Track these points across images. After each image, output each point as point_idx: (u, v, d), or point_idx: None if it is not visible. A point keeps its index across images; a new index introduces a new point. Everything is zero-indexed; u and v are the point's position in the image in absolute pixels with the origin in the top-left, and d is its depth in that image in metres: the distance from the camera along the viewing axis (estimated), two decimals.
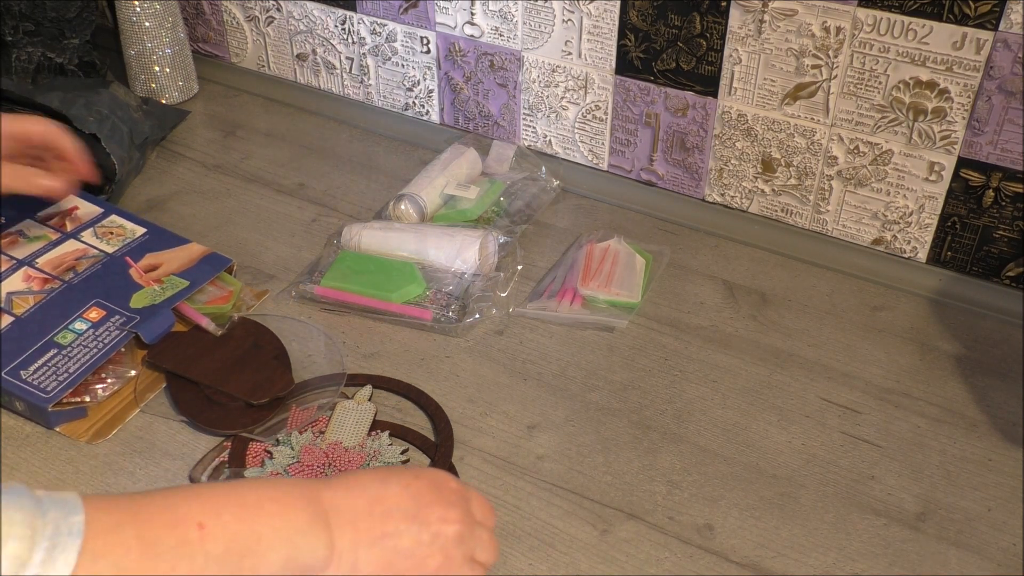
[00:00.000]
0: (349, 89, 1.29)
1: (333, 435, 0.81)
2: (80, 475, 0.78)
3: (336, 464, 0.79)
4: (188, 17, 1.36)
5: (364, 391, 0.86)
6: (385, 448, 0.80)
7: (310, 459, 0.79)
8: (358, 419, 0.83)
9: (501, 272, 0.99)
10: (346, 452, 0.80)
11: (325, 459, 0.79)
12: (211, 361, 0.86)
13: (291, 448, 0.80)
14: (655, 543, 0.74)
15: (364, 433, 0.82)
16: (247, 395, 0.83)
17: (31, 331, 0.86)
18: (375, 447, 0.80)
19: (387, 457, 0.80)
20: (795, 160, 1.02)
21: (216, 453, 0.80)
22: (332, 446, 0.80)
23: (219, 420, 0.82)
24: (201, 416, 0.83)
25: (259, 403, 0.83)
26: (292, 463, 0.78)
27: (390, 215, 1.07)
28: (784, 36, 0.96)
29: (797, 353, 0.92)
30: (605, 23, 1.05)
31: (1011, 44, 0.86)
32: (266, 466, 0.78)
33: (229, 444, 0.80)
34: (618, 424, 0.84)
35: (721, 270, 1.03)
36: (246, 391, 0.83)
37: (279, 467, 0.78)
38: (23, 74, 1.21)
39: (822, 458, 0.81)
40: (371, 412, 0.84)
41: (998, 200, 0.94)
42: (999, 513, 0.77)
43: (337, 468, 0.78)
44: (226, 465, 0.79)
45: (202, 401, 0.84)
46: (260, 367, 0.86)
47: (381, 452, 0.80)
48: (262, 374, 0.85)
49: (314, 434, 0.81)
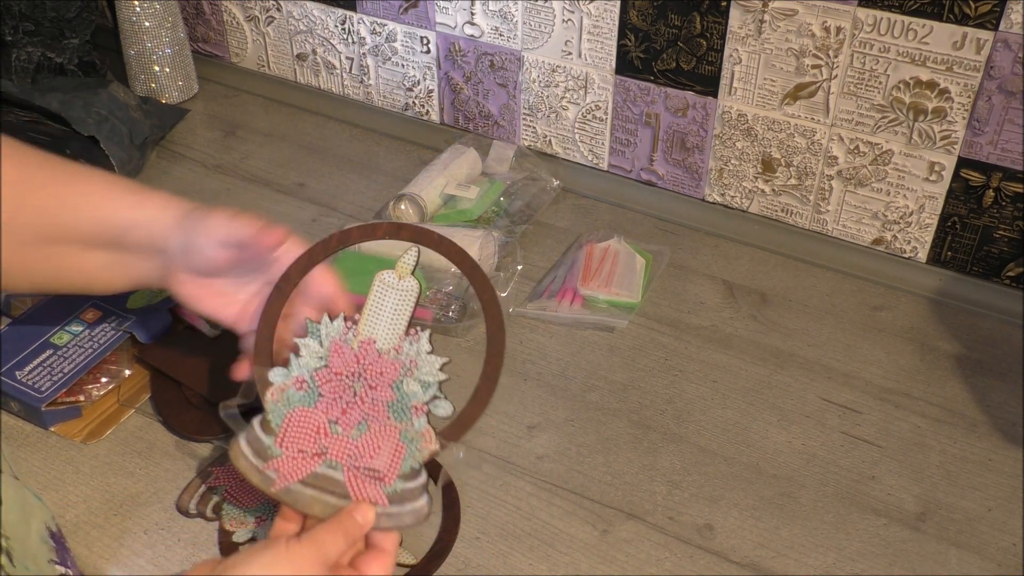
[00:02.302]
0: (349, 89, 1.29)
1: (367, 328, 0.70)
2: (80, 475, 0.78)
3: (367, 376, 0.69)
4: (188, 17, 1.36)
5: (408, 257, 0.71)
6: (424, 359, 0.69)
7: (339, 364, 0.69)
8: (397, 304, 0.71)
9: (501, 272, 0.99)
10: (379, 359, 0.69)
11: (356, 365, 0.69)
12: (198, 363, 0.85)
13: (320, 344, 0.70)
14: (655, 543, 0.74)
15: (403, 328, 0.70)
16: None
17: (28, 332, 0.86)
18: (411, 355, 0.69)
19: (423, 374, 0.69)
20: (795, 160, 1.02)
21: (202, 479, 0.77)
22: (364, 346, 0.70)
23: (193, 425, 0.81)
24: (176, 419, 0.81)
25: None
26: (320, 367, 0.69)
27: (390, 215, 1.07)
28: (784, 36, 0.96)
29: (797, 353, 0.92)
30: (605, 23, 1.05)
31: (1011, 44, 0.86)
32: (291, 367, 0.69)
33: (215, 470, 0.78)
34: (618, 424, 0.84)
35: (721, 270, 1.03)
36: (224, 398, 0.78)
37: (305, 370, 0.69)
38: (23, 74, 1.21)
39: (822, 458, 0.81)
40: (414, 293, 0.71)
41: (998, 200, 0.94)
42: (999, 513, 0.77)
43: (367, 382, 0.69)
44: (213, 491, 0.76)
45: (181, 403, 0.82)
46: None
47: (419, 364, 0.69)
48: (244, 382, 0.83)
49: (347, 323, 0.70)
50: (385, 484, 0.67)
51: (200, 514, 0.75)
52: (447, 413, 0.68)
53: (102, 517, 0.75)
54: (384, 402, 0.68)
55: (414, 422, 0.68)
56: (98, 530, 0.74)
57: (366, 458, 0.67)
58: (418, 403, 0.68)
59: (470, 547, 0.73)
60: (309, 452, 0.67)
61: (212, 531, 0.74)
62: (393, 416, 0.68)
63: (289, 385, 0.69)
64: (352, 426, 0.68)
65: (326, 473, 0.67)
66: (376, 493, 0.66)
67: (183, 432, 0.81)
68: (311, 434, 0.68)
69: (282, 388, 0.68)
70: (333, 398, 0.69)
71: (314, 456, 0.67)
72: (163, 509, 0.76)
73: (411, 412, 0.68)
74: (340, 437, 0.68)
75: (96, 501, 0.76)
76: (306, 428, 0.68)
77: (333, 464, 0.67)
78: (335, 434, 0.68)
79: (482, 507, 0.77)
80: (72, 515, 0.75)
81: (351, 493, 0.66)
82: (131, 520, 0.75)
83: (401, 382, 0.69)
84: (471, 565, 0.72)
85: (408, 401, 0.69)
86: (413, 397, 0.68)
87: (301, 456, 0.67)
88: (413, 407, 0.68)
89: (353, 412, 0.68)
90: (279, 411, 0.68)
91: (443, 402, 0.69)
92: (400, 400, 0.69)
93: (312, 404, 0.68)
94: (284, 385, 0.68)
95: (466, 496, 0.77)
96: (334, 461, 0.67)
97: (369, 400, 0.69)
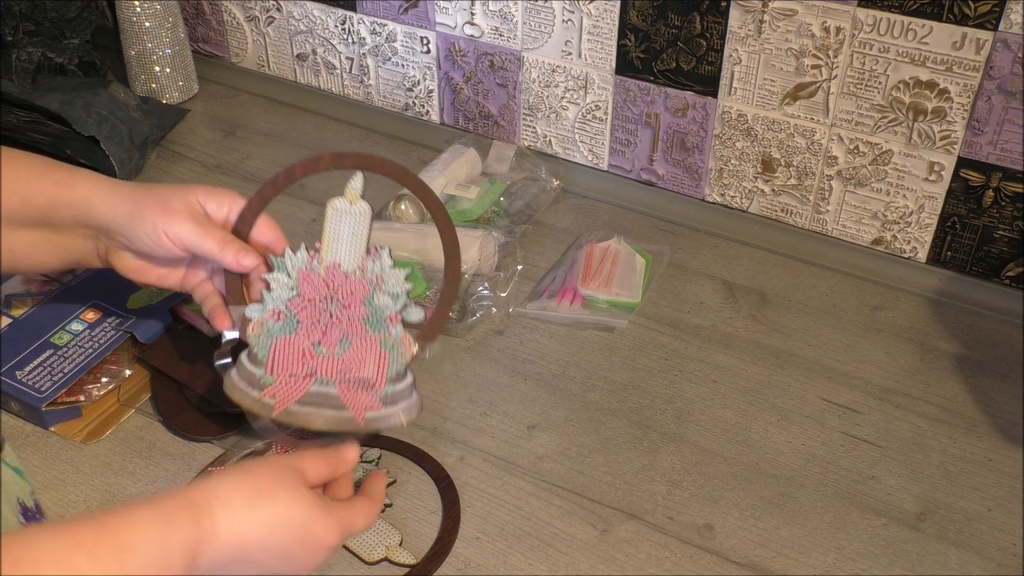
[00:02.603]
0: (349, 89, 1.29)
1: (330, 254, 0.74)
2: (80, 475, 0.78)
3: (339, 296, 0.73)
4: (188, 17, 1.36)
5: (355, 182, 0.75)
6: (389, 273, 0.74)
7: (310, 290, 0.73)
8: (354, 227, 0.75)
9: (501, 272, 0.99)
10: (347, 280, 0.74)
11: (326, 288, 0.73)
12: (198, 363, 0.85)
13: (288, 276, 0.74)
14: (655, 543, 0.74)
15: (363, 248, 0.75)
16: (223, 402, 0.80)
17: (28, 332, 0.86)
18: (376, 271, 0.74)
19: (391, 287, 0.74)
20: (795, 160, 1.02)
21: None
22: (331, 271, 0.74)
23: (192, 425, 0.81)
24: (176, 419, 0.82)
25: (234, 411, 0.80)
26: (292, 297, 0.73)
27: (390, 215, 1.07)
28: (784, 36, 0.96)
29: (797, 353, 0.92)
30: (605, 23, 1.05)
31: (1011, 44, 0.86)
32: (265, 302, 0.73)
33: (215, 470, 0.77)
34: (618, 424, 0.84)
35: (721, 270, 1.03)
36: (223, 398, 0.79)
37: (279, 302, 0.73)
38: (23, 74, 1.21)
39: (822, 458, 0.81)
40: (367, 214, 0.75)
41: (998, 200, 0.94)
42: (999, 513, 0.77)
43: (340, 302, 0.73)
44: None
45: (180, 403, 0.83)
46: None
47: (385, 279, 0.74)
48: None
49: (310, 253, 0.74)
50: (376, 390, 0.72)
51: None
52: (419, 318, 0.74)
53: None
54: (360, 318, 0.73)
55: (391, 331, 0.73)
56: None
57: (354, 370, 0.72)
58: (391, 313, 0.73)
59: (470, 547, 0.74)
60: (299, 375, 0.72)
61: None
62: (371, 329, 0.73)
63: (267, 318, 0.73)
64: (334, 344, 0.73)
65: (320, 390, 0.72)
66: (370, 399, 0.72)
67: (183, 432, 0.81)
68: (298, 358, 0.73)
69: (261, 322, 0.73)
70: (311, 322, 0.73)
71: (305, 378, 0.72)
72: None
73: (386, 322, 0.74)
74: (326, 356, 0.73)
75: (96, 501, 0.76)
76: (292, 354, 0.72)
77: (324, 381, 0.72)
78: (320, 354, 0.73)
79: (482, 507, 0.77)
80: (72, 515, 0.75)
81: (346, 403, 0.72)
82: None
83: (372, 297, 0.74)
84: (471, 565, 0.72)
85: (382, 313, 0.74)
86: (386, 309, 0.74)
87: (293, 380, 0.72)
88: (388, 318, 0.73)
89: (333, 332, 0.73)
90: (263, 343, 0.72)
91: (414, 308, 0.74)
92: (374, 313, 0.74)
93: (292, 332, 0.73)
94: (262, 319, 0.73)
95: (466, 496, 0.77)
96: (325, 379, 0.72)
97: (345, 318, 0.73)
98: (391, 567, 0.71)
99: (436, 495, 0.77)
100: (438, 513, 0.76)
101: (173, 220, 0.72)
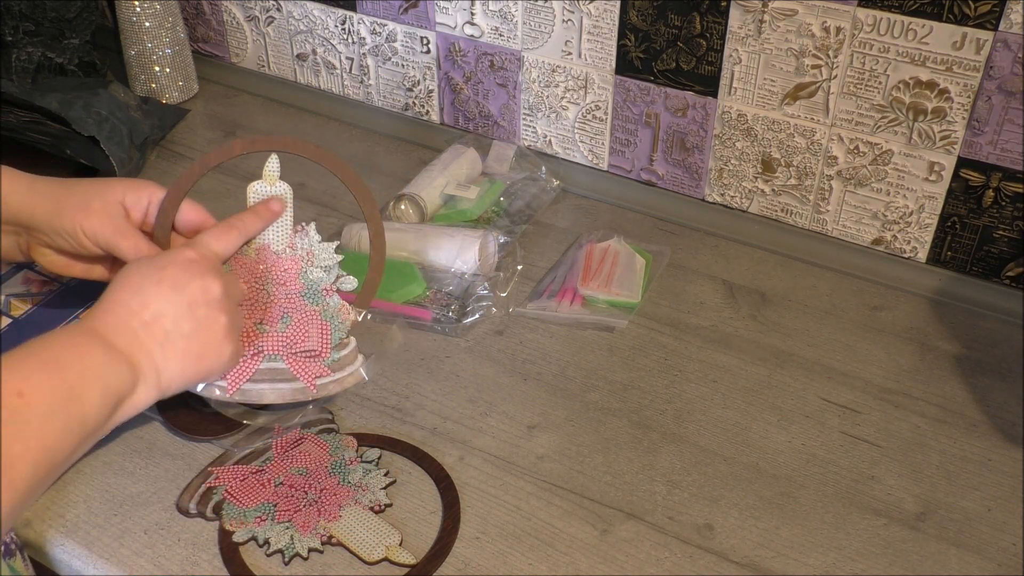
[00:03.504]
0: (349, 89, 1.29)
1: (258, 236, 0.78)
2: (80, 475, 0.78)
3: (273, 276, 0.77)
4: (188, 17, 1.36)
5: (271, 165, 0.79)
6: (318, 248, 0.79)
7: (245, 274, 0.77)
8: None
9: (501, 272, 0.99)
10: (278, 259, 0.78)
11: (260, 270, 0.77)
12: None
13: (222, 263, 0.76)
14: (655, 543, 0.74)
15: (289, 227, 0.79)
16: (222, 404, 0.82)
17: (28, 332, 0.86)
18: (306, 247, 0.78)
19: (322, 261, 0.78)
20: (795, 160, 1.02)
21: (202, 479, 0.77)
22: (261, 252, 0.78)
23: (192, 425, 0.81)
24: (175, 419, 0.82)
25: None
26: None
27: (390, 215, 1.07)
28: (784, 36, 0.96)
29: (797, 353, 0.92)
30: (605, 23, 1.05)
31: (1011, 44, 0.86)
32: None
33: (215, 470, 0.78)
34: (618, 424, 0.84)
35: (721, 270, 1.03)
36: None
37: None
38: (23, 74, 1.21)
39: (822, 458, 0.81)
40: (288, 194, 0.79)
41: (998, 200, 0.94)
42: (999, 513, 0.77)
43: (275, 280, 0.77)
44: (213, 491, 0.76)
45: (180, 403, 0.83)
46: None
47: (315, 253, 0.78)
48: None
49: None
50: (323, 358, 0.77)
51: (200, 514, 0.75)
52: (353, 286, 0.79)
53: (102, 517, 0.75)
54: (297, 293, 0.77)
55: (328, 302, 0.78)
56: (98, 530, 0.74)
57: (299, 343, 0.76)
58: (327, 285, 0.78)
59: (470, 547, 0.74)
60: (248, 355, 0.75)
61: (212, 531, 0.74)
62: (309, 302, 0.78)
63: None
64: (276, 321, 0.77)
65: (269, 367, 0.76)
66: (318, 368, 0.77)
67: (183, 432, 0.81)
68: (243, 340, 0.75)
69: None
70: (251, 304, 0.76)
71: (253, 357, 0.75)
72: (163, 509, 0.76)
73: (323, 294, 0.78)
74: (270, 334, 0.76)
75: (96, 501, 0.76)
76: None
77: (273, 358, 0.76)
78: (264, 333, 0.76)
79: (482, 507, 0.77)
80: (72, 515, 0.75)
81: (296, 374, 0.76)
82: (131, 520, 0.75)
83: (305, 272, 0.78)
84: (471, 565, 0.72)
85: (317, 286, 0.78)
86: (320, 282, 0.78)
87: (241, 360, 0.75)
88: (324, 290, 0.78)
89: (273, 310, 0.77)
90: None
91: (347, 278, 0.79)
92: (310, 287, 0.78)
93: None
94: None
95: (466, 496, 0.77)
96: (273, 355, 0.76)
97: (283, 295, 0.77)
98: (391, 567, 0.71)
99: (436, 495, 0.77)
100: (438, 513, 0.76)
101: (92, 219, 0.74)
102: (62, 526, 0.74)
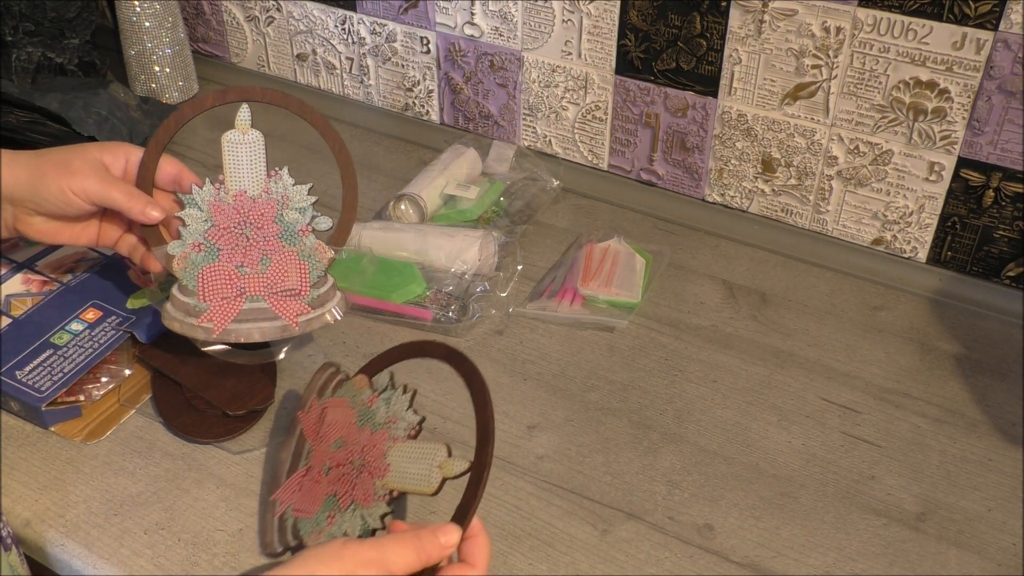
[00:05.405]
0: (349, 89, 1.29)
1: (234, 183, 0.82)
2: (80, 475, 0.79)
3: (250, 220, 0.81)
4: (188, 17, 1.36)
5: (243, 114, 0.84)
6: (292, 190, 0.82)
7: (223, 219, 0.80)
8: (251, 155, 0.83)
9: (501, 272, 0.99)
10: (255, 203, 0.81)
11: (238, 215, 0.81)
12: (198, 363, 0.85)
13: (200, 210, 0.81)
14: (655, 543, 0.74)
15: (263, 172, 0.82)
16: (224, 404, 0.82)
17: (28, 332, 0.86)
18: (280, 191, 0.82)
19: (296, 203, 0.81)
20: (795, 160, 1.02)
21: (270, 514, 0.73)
22: (238, 198, 0.81)
23: (193, 426, 0.81)
24: (176, 420, 0.82)
25: (235, 414, 0.81)
26: (208, 228, 0.80)
27: (390, 215, 1.07)
28: (784, 36, 0.96)
29: (797, 353, 0.92)
30: (605, 23, 1.05)
31: (1011, 44, 0.86)
32: (184, 237, 0.79)
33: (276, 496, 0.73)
34: (618, 424, 0.84)
35: (721, 270, 1.03)
36: (224, 400, 0.82)
37: (197, 235, 0.80)
38: (23, 74, 1.21)
39: (822, 458, 0.81)
40: (261, 141, 0.83)
41: (998, 200, 0.94)
42: (999, 513, 0.77)
43: (253, 224, 0.81)
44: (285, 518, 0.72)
45: (182, 404, 0.83)
46: (245, 376, 0.84)
47: (289, 196, 0.81)
48: (244, 384, 0.84)
49: (215, 186, 0.81)
50: (303, 296, 0.80)
51: (287, 548, 0.71)
52: (328, 226, 0.82)
53: (102, 517, 0.75)
54: (274, 235, 0.81)
55: (305, 242, 0.81)
56: (98, 530, 0.74)
57: (279, 283, 0.80)
58: (302, 226, 0.81)
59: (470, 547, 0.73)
60: (231, 296, 0.79)
61: (212, 531, 0.74)
62: (286, 243, 0.81)
63: (189, 251, 0.80)
64: (256, 263, 0.80)
65: (252, 307, 0.79)
66: (299, 305, 0.80)
67: (183, 432, 0.81)
68: (225, 282, 0.79)
69: (184, 255, 0.79)
70: (231, 248, 0.80)
71: (236, 298, 0.79)
72: (163, 509, 0.76)
73: (299, 235, 0.81)
74: (250, 275, 0.80)
75: (96, 501, 0.76)
76: (219, 279, 0.79)
77: (255, 298, 0.80)
78: (245, 274, 0.80)
79: (482, 507, 0.76)
80: (72, 515, 0.75)
81: (278, 313, 0.79)
82: (131, 520, 0.75)
83: (281, 215, 0.81)
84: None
85: (294, 227, 0.81)
86: (296, 223, 0.81)
87: (225, 302, 0.79)
88: (300, 231, 0.81)
89: (252, 252, 0.80)
90: (190, 274, 0.79)
91: (322, 218, 0.82)
92: (286, 229, 0.81)
93: (215, 259, 0.80)
94: (184, 252, 0.79)
95: None
96: (255, 295, 0.80)
97: (261, 238, 0.81)
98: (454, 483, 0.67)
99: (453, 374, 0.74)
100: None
101: (76, 178, 0.76)
102: (62, 526, 0.74)
